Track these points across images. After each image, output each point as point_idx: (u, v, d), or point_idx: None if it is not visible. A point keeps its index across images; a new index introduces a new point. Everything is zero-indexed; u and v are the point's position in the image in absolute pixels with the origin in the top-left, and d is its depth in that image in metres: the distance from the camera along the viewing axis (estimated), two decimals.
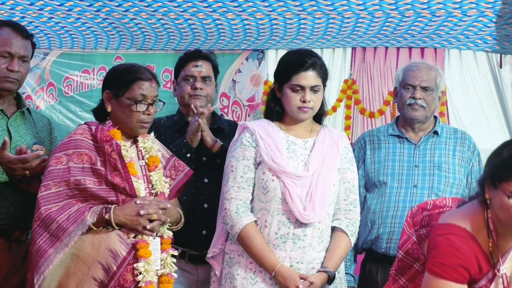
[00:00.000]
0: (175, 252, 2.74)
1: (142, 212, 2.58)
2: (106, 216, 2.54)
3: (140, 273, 2.56)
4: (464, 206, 2.39)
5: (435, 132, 3.39)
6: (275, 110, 2.93)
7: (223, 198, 2.85)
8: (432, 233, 2.36)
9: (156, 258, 2.63)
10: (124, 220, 2.56)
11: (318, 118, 2.96)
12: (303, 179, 2.79)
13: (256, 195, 2.83)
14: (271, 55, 6.70)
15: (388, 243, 3.25)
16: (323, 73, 2.87)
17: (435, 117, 3.46)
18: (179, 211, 2.84)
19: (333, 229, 2.86)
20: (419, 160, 3.34)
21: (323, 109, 2.96)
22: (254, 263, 2.78)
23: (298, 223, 2.76)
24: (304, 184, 2.78)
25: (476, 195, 2.36)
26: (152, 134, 2.86)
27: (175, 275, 2.71)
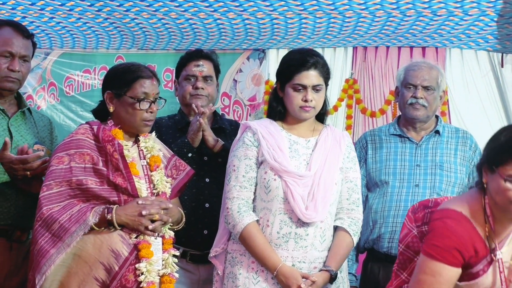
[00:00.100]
0: (177, 252, 2.74)
1: (144, 213, 2.57)
2: (108, 216, 2.53)
3: (142, 274, 2.55)
4: (463, 194, 2.49)
5: (437, 132, 3.38)
6: (277, 110, 2.92)
7: (225, 198, 2.85)
8: (431, 219, 2.42)
9: (158, 258, 2.63)
10: (126, 221, 2.56)
11: (321, 118, 2.96)
12: (305, 179, 2.78)
13: (258, 195, 2.82)
14: (272, 55, 6.69)
15: (390, 243, 3.24)
16: (325, 72, 2.87)
17: (437, 117, 3.46)
18: (180, 211, 2.83)
19: (336, 229, 2.86)
20: (421, 160, 3.33)
21: (326, 109, 2.95)
22: (256, 263, 2.77)
23: (300, 223, 2.76)
24: (306, 184, 2.78)
25: (476, 184, 2.42)
26: (154, 134, 2.86)
27: (177, 275, 2.71)
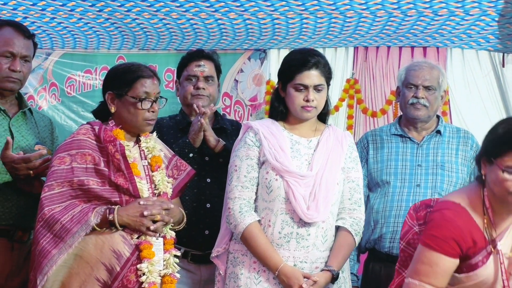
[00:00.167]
0: (178, 253, 2.74)
1: (146, 213, 2.57)
2: (110, 217, 2.53)
3: (144, 274, 2.55)
4: (463, 187, 2.56)
5: (438, 132, 3.38)
6: (279, 110, 2.92)
7: (227, 198, 2.85)
8: (431, 211, 2.47)
9: (159, 259, 2.63)
10: (128, 221, 2.56)
11: (323, 118, 2.96)
12: (307, 179, 2.78)
13: (260, 195, 2.82)
14: (273, 55, 6.70)
15: (391, 243, 3.24)
16: (327, 72, 2.86)
17: (438, 117, 3.45)
18: (182, 211, 2.83)
19: (338, 229, 2.86)
20: (422, 160, 3.33)
21: (328, 108, 2.95)
22: (258, 263, 2.77)
23: (302, 223, 2.75)
24: (308, 184, 2.78)
25: (476, 178, 2.46)
26: (155, 134, 2.86)
27: (178, 275, 2.71)
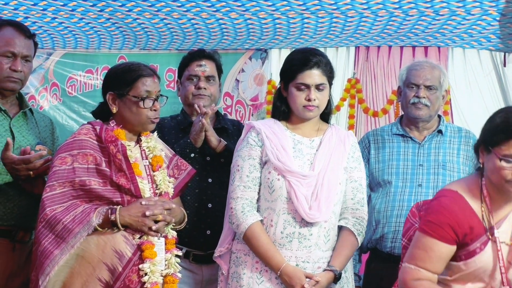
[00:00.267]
0: (179, 252, 2.74)
1: (148, 213, 2.57)
2: (112, 217, 2.53)
3: (146, 274, 2.56)
4: (464, 177, 2.60)
5: (439, 131, 3.38)
6: (281, 110, 2.91)
7: (229, 198, 2.85)
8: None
9: (161, 259, 2.63)
10: (130, 221, 2.56)
11: (325, 117, 2.95)
12: (309, 178, 2.77)
13: (262, 195, 2.82)
14: (275, 55, 6.70)
15: (393, 243, 3.24)
16: (328, 71, 2.86)
17: (439, 116, 3.45)
18: (183, 211, 2.83)
19: (340, 228, 2.85)
20: (424, 159, 3.33)
21: (330, 108, 2.94)
22: (260, 263, 2.77)
23: (304, 222, 2.75)
24: (310, 183, 2.77)
25: (476, 169, 2.50)
26: (155, 134, 2.86)
27: (180, 275, 2.71)
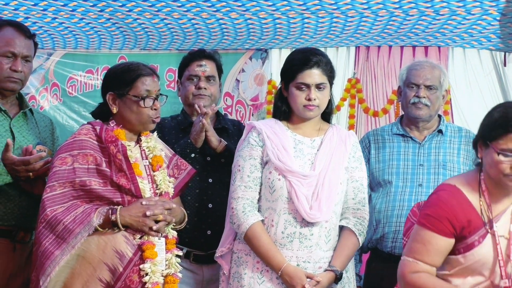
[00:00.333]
0: (180, 252, 2.74)
1: (148, 213, 2.57)
2: (113, 218, 2.53)
3: (147, 274, 2.55)
4: (463, 173, 2.63)
5: (440, 131, 3.38)
6: (282, 109, 2.91)
7: (230, 197, 2.85)
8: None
9: (162, 259, 2.63)
10: (130, 221, 2.56)
11: (327, 117, 2.95)
12: (310, 178, 2.77)
13: (263, 195, 2.82)
14: (275, 55, 6.69)
15: (393, 243, 3.24)
16: (329, 71, 2.85)
17: (440, 116, 3.45)
18: (183, 210, 2.83)
19: (341, 228, 2.85)
20: (424, 159, 3.33)
21: (331, 107, 2.94)
22: (261, 263, 2.77)
23: (305, 222, 2.75)
24: (311, 183, 2.77)
25: (475, 165, 2.53)
26: (155, 134, 2.86)
27: (180, 275, 2.71)
